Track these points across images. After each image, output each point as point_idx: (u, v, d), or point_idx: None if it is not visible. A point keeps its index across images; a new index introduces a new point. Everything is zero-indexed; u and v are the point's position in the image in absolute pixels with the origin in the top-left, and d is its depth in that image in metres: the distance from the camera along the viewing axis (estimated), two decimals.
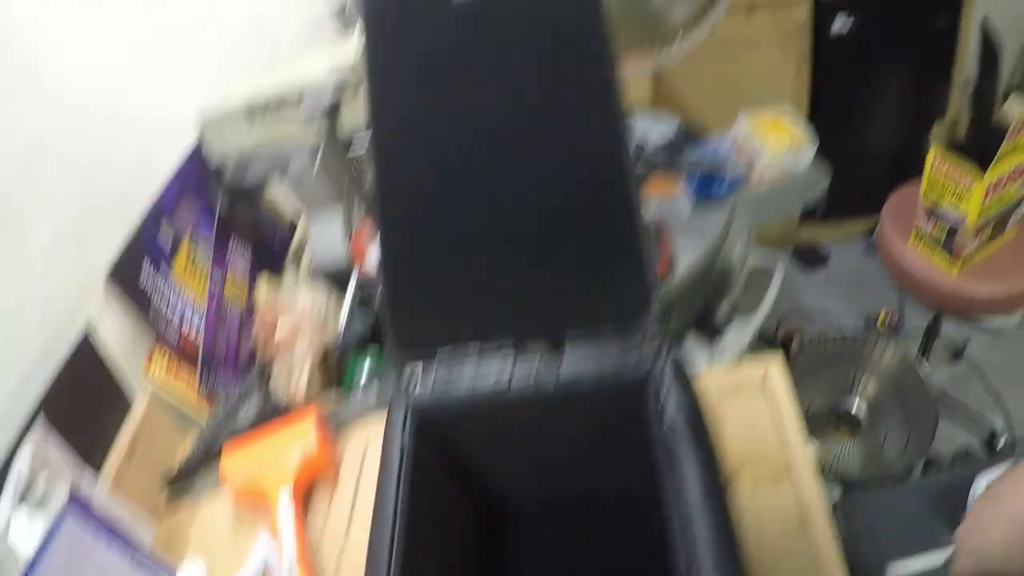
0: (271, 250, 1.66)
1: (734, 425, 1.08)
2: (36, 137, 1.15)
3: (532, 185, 0.80)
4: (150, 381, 1.25)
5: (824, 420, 2.33)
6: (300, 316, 1.30)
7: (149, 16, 1.44)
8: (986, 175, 1.75)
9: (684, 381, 0.76)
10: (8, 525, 0.88)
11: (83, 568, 0.92)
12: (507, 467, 0.87)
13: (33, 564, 0.85)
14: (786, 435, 1.07)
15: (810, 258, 3.25)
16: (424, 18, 0.81)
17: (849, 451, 2.31)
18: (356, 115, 1.33)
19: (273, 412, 1.22)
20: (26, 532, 0.88)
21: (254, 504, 1.12)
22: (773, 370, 1.13)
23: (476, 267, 0.82)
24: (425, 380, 0.81)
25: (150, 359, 1.27)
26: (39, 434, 0.99)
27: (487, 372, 0.80)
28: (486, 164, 0.81)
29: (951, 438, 2.56)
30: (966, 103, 2.01)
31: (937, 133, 1.89)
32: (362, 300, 1.40)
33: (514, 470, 0.88)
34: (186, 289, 1.35)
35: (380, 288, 0.86)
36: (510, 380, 0.80)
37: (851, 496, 2.26)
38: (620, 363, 0.78)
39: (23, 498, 0.91)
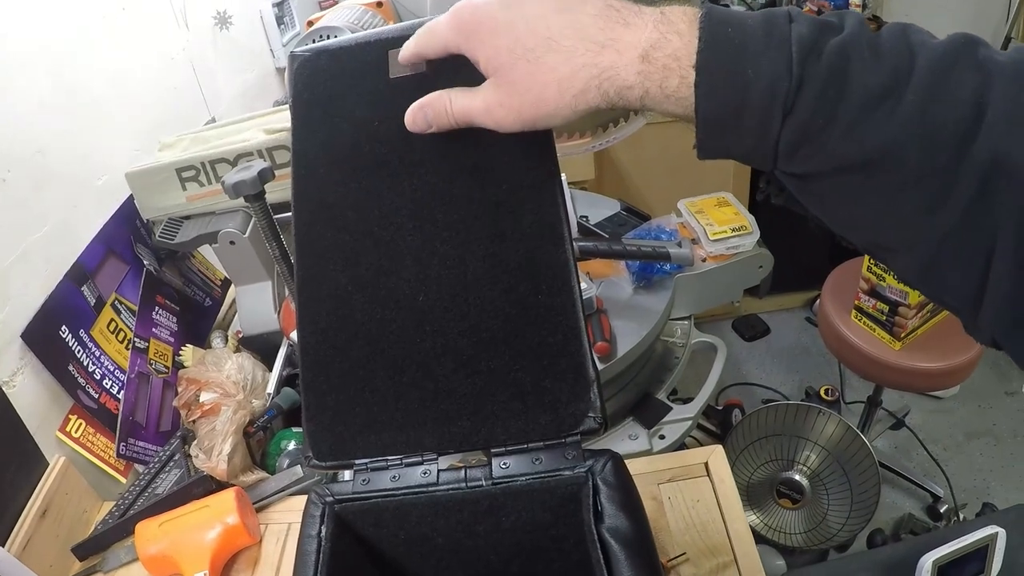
0: (199, 313, 1.60)
1: (677, 510, 1.06)
2: None
3: (463, 286, 0.75)
4: (65, 443, 1.20)
5: (766, 491, 2.31)
6: (225, 385, 1.24)
7: (82, 69, 1.39)
8: None
9: (625, 482, 0.72)
10: None
11: None
12: (435, 571, 0.81)
13: None
14: (730, 519, 1.05)
15: (750, 330, 3.29)
16: (357, 95, 0.76)
17: (792, 521, 2.30)
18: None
19: (194, 484, 1.16)
20: None
21: None
22: (715, 457, 1.11)
23: (399, 374, 0.76)
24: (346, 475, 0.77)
25: (66, 421, 1.21)
26: None
27: (412, 475, 0.75)
28: (412, 262, 0.75)
29: (894, 504, 2.58)
30: None
31: None
32: (290, 374, 1.35)
33: (441, 574, 0.82)
34: (107, 351, 1.30)
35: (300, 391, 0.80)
36: (437, 480, 0.74)
37: (797, 569, 2.27)
38: (556, 463, 0.73)
39: None
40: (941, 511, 2.51)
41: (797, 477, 2.29)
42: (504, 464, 0.74)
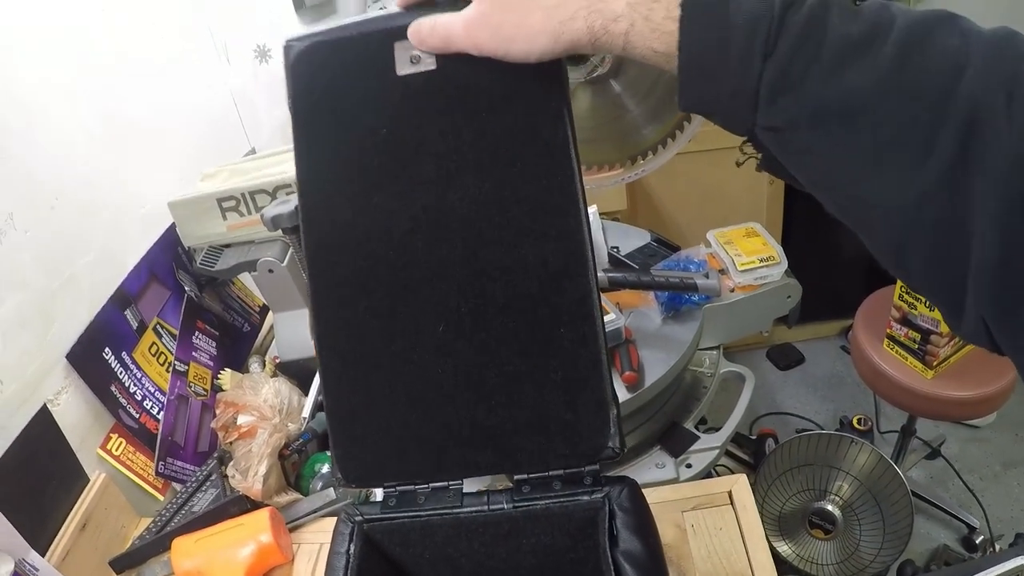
0: (238, 338, 1.65)
1: (700, 538, 1.07)
2: (5, 214, 1.14)
3: (484, 317, 0.72)
4: (106, 460, 1.24)
5: (799, 521, 2.30)
6: (262, 409, 1.28)
7: (128, 103, 1.45)
8: None
9: (640, 507, 0.74)
10: None
11: None
12: None
13: None
14: (753, 548, 1.05)
15: (785, 359, 3.27)
16: (361, 97, 0.71)
17: (824, 552, 2.29)
18: None
19: (229, 503, 1.19)
20: None
21: None
22: (739, 486, 1.11)
23: (423, 406, 0.75)
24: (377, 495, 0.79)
25: (107, 439, 1.26)
26: None
27: (438, 497, 0.78)
28: (430, 290, 0.73)
29: (928, 535, 2.55)
30: None
31: None
32: None
33: None
34: (148, 373, 1.34)
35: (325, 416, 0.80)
36: (461, 503, 0.77)
37: None
38: (574, 489, 0.75)
39: None
40: (976, 542, 2.47)
41: (829, 507, 2.28)
42: (525, 488, 0.76)
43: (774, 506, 2.28)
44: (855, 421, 2.57)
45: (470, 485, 0.78)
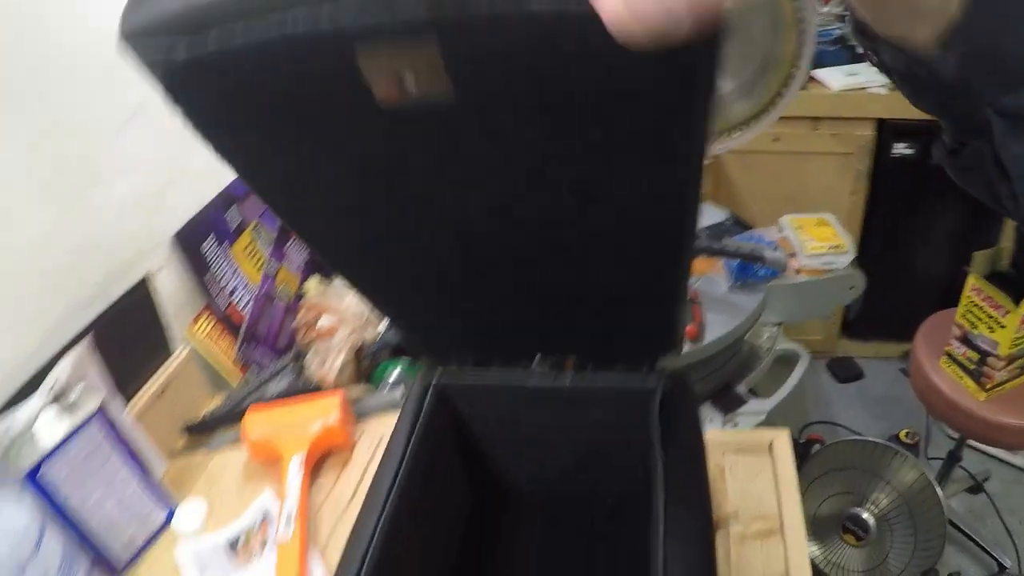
0: None
1: (737, 479, 1.12)
2: (136, 104, 1.24)
3: (559, 246, 0.64)
4: (193, 338, 1.34)
5: (832, 524, 2.32)
6: (344, 313, 1.36)
7: None
8: (1021, 306, 1.78)
9: (689, 399, 0.80)
10: (36, 417, 0.94)
11: (95, 473, 0.99)
12: (515, 456, 0.91)
13: (51, 455, 0.92)
14: (784, 496, 1.10)
15: (844, 371, 3.26)
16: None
17: (853, 558, 2.30)
18: None
19: (303, 389, 1.28)
20: (51, 427, 0.95)
21: (266, 464, 1.18)
22: (780, 439, 1.16)
23: (493, 311, 0.76)
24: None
25: (197, 319, 1.36)
26: (83, 349, 1.06)
27: (510, 369, 0.84)
28: (497, 242, 0.64)
29: (957, 566, 2.53)
30: (1015, 236, 2.04)
31: (978, 261, 1.92)
32: None
33: (520, 460, 0.91)
34: (242, 268, 1.44)
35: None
36: (529, 374, 0.83)
37: None
38: (633, 375, 0.81)
39: (56, 399, 0.97)
40: None
41: (865, 515, 2.29)
42: (588, 369, 0.83)
43: (811, 506, 2.30)
44: (902, 435, 2.57)
45: (538, 363, 0.85)
